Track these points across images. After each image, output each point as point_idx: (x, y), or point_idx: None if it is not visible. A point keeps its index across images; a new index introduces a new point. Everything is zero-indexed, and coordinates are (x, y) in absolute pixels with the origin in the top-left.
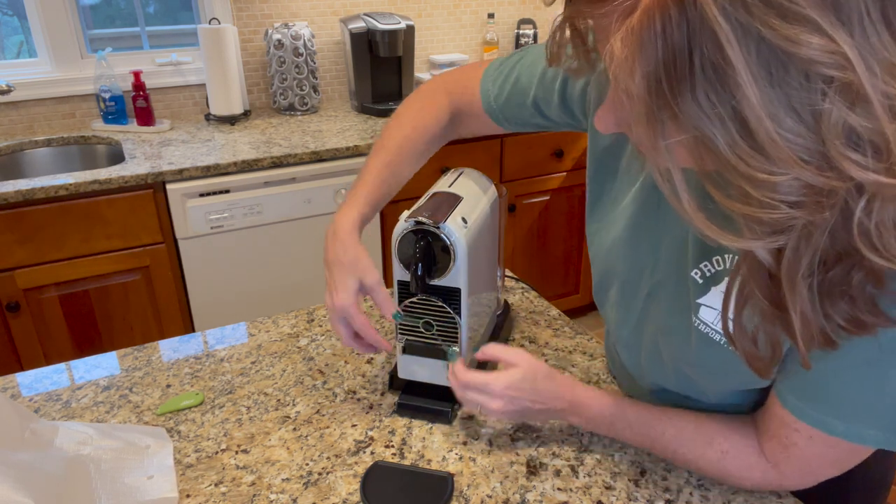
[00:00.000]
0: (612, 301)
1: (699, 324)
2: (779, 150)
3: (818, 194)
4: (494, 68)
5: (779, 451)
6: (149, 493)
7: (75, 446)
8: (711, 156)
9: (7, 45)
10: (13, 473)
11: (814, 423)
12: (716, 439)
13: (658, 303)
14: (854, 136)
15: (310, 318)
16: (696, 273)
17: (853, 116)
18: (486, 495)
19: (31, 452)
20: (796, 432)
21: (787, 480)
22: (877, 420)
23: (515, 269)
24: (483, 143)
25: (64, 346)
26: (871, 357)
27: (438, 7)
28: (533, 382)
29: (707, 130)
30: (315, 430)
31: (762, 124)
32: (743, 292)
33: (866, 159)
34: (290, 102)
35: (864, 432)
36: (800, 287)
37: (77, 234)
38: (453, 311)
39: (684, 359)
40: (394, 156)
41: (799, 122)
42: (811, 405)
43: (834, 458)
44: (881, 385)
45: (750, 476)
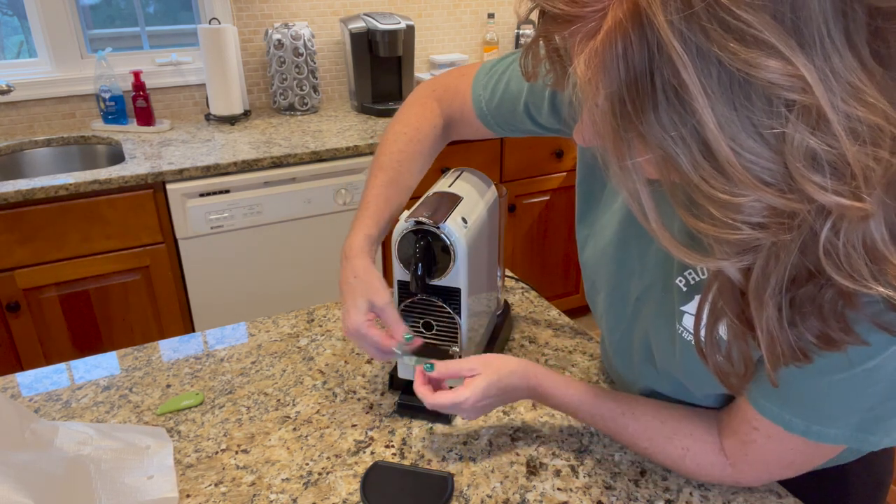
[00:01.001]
0: (602, 307)
1: (682, 331)
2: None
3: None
4: (485, 73)
5: (737, 447)
6: (149, 493)
7: (75, 446)
8: (677, 175)
9: (7, 45)
10: (13, 474)
11: (775, 420)
12: (677, 436)
13: (647, 308)
14: (817, 159)
15: (310, 318)
16: (681, 281)
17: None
18: (486, 495)
19: (32, 452)
20: (756, 430)
21: (742, 478)
22: (841, 420)
23: (515, 269)
24: (483, 143)
25: (64, 346)
26: (839, 367)
27: (438, 7)
28: (498, 384)
29: (670, 150)
30: (315, 430)
31: (721, 147)
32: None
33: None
34: (290, 102)
35: (824, 432)
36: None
37: (77, 234)
38: (453, 311)
39: (672, 364)
40: (394, 172)
41: (762, 145)
42: (773, 402)
43: (790, 459)
44: (847, 392)
45: (709, 473)
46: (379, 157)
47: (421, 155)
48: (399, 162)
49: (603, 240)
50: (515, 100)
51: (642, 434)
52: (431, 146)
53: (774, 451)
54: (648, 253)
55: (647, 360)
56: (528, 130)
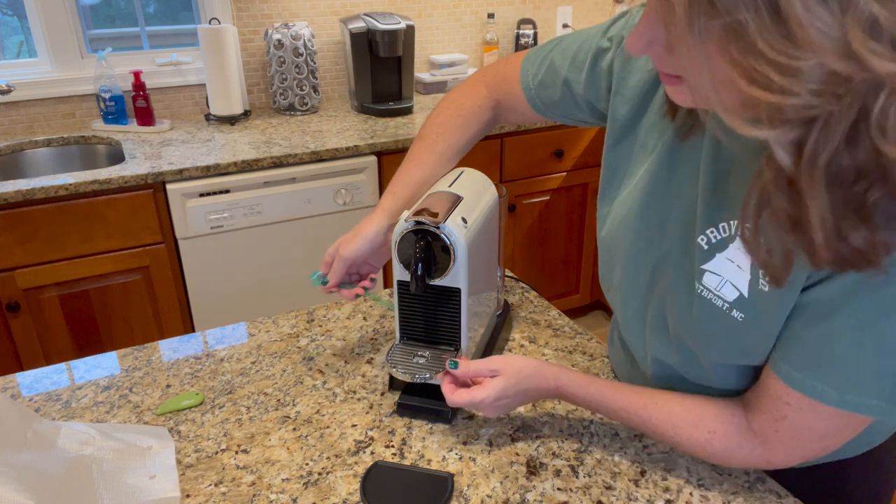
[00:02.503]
0: (617, 280)
1: (702, 290)
2: (806, 35)
3: (838, 83)
4: (534, 52)
5: (768, 425)
6: (151, 493)
7: (78, 446)
8: (740, 44)
9: (7, 45)
10: (15, 474)
11: (807, 392)
12: (702, 420)
13: (664, 275)
14: (878, 28)
15: (310, 318)
16: (703, 239)
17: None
18: (486, 495)
19: (34, 453)
20: (787, 405)
21: (774, 456)
22: (873, 389)
23: (515, 269)
24: (483, 143)
25: (64, 346)
26: (866, 320)
27: (438, 7)
28: (517, 386)
29: (740, 15)
30: (315, 430)
31: (793, 9)
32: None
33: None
34: (290, 102)
35: (859, 401)
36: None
37: (77, 234)
38: (453, 311)
39: (687, 330)
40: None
41: (826, 9)
42: (805, 373)
43: (822, 431)
44: (877, 350)
45: (737, 455)
46: (420, 130)
47: (461, 129)
48: (437, 133)
49: (622, 212)
50: (557, 74)
51: (667, 423)
52: (474, 123)
53: (807, 426)
54: (670, 218)
55: (659, 329)
56: (566, 112)
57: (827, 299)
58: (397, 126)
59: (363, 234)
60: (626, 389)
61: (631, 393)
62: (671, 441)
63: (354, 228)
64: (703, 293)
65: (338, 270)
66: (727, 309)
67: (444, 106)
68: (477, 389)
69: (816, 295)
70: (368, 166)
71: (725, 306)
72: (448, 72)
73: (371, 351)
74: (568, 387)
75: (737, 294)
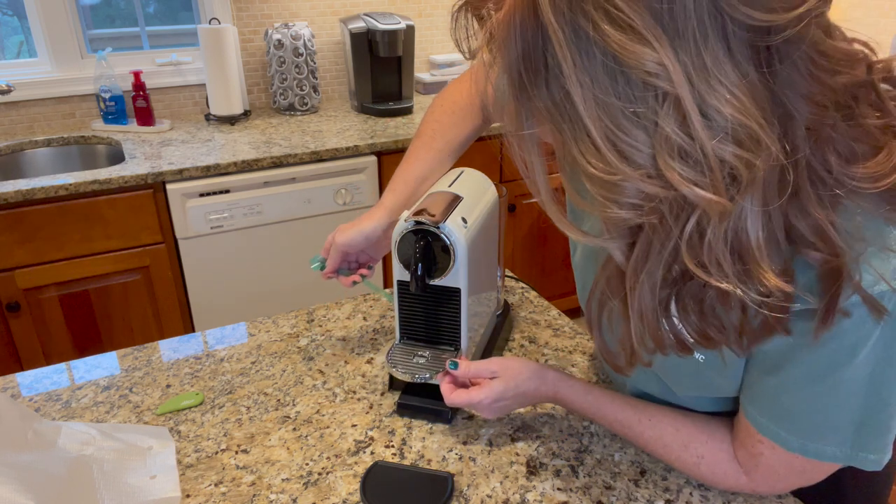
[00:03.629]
0: None
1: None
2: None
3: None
4: None
5: (748, 459)
6: (152, 492)
7: (78, 446)
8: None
9: (7, 45)
10: (16, 475)
11: (771, 437)
12: (692, 444)
13: None
14: (680, 149)
15: (310, 318)
16: None
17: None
18: (486, 495)
19: (34, 453)
20: (760, 443)
21: (758, 488)
22: (833, 436)
23: (515, 269)
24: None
25: (64, 346)
26: (815, 374)
27: (438, 7)
28: (516, 388)
29: (557, 125)
30: (315, 430)
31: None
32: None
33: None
34: (290, 102)
35: (820, 449)
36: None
37: (77, 234)
38: (453, 311)
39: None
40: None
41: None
42: (769, 419)
43: (800, 468)
44: (831, 402)
45: (724, 482)
46: (418, 129)
47: (456, 126)
48: (433, 130)
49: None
50: None
51: (658, 441)
52: (468, 120)
53: (782, 463)
54: None
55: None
56: None
57: (775, 350)
58: (397, 126)
59: (360, 227)
60: (622, 402)
61: (626, 406)
62: (662, 458)
63: (356, 219)
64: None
65: (334, 258)
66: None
67: (437, 104)
68: (475, 390)
69: (765, 346)
70: (368, 166)
71: None
72: (448, 72)
73: (371, 351)
74: (566, 394)
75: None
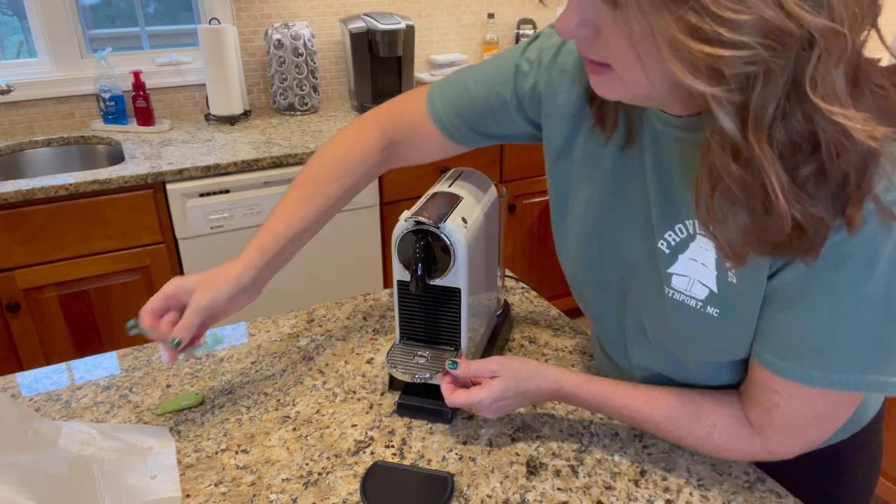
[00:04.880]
0: (589, 301)
1: (673, 293)
2: None
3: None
4: (440, 83)
5: (762, 416)
6: (152, 492)
7: (78, 446)
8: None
9: (7, 45)
10: (16, 475)
11: (792, 378)
12: (703, 414)
13: (633, 285)
14: None
15: (310, 318)
16: (663, 244)
17: None
18: (486, 495)
19: (35, 453)
20: (777, 394)
21: (774, 446)
22: (854, 362)
23: (515, 269)
24: None
25: (64, 346)
26: (834, 297)
27: (438, 7)
28: (516, 388)
29: None
30: (315, 430)
31: None
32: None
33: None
34: (290, 102)
35: (843, 378)
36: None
37: (77, 234)
38: (453, 311)
39: (666, 334)
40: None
41: None
42: (788, 360)
43: (815, 414)
44: (850, 326)
45: (738, 447)
46: (298, 176)
47: (345, 177)
48: (317, 182)
49: (580, 231)
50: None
51: (667, 419)
52: (360, 169)
53: (800, 412)
54: (628, 230)
55: (639, 339)
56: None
57: (793, 283)
58: None
59: (221, 285)
60: (625, 387)
61: (631, 390)
62: (673, 437)
63: (207, 274)
64: (674, 296)
65: (192, 324)
66: (700, 307)
67: (329, 150)
68: (476, 390)
69: (782, 281)
70: None
71: (699, 305)
72: (448, 72)
73: (371, 351)
74: (568, 387)
75: (707, 291)
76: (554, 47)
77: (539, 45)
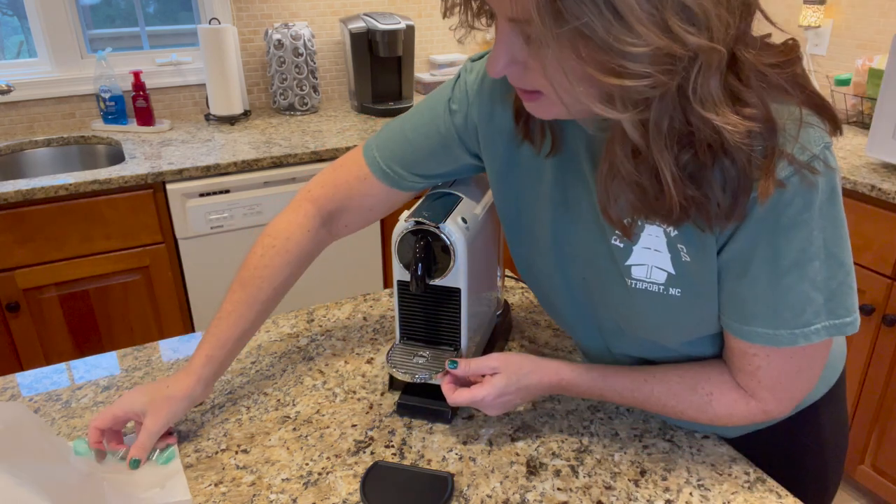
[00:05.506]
0: (559, 309)
1: (635, 283)
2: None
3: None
4: (374, 139)
5: (749, 380)
6: (164, 499)
7: (88, 468)
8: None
9: (7, 45)
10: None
11: (762, 341)
12: (699, 384)
13: (596, 284)
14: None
15: (310, 318)
16: (615, 239)
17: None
18: (486, 495)
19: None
20: (755, 356)
21: (767, 405)
22: (812, 312)
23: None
24: None
25: (64, 346)
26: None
27: (438, 7)
28: (518, 383)
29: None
30: (315, 430)
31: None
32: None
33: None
34: (290, 102)
35: (806, 332)
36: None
37: (77, 234)
38: (453, 311)
39: (637, 323)
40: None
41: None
42: (753, 325)
43: (796, 367)
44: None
45: (736, 411)
46: (241, 271)
47: (288, 265)
48: (261, 278)
49: (537, 245)
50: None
51: (668, 392)
52: (304, 252)
53: (782, 369)
54: (579, 233)
55: (615, 334)
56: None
57: (740, 253)
58: None
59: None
60: (624, 369)
61: (630, 371)
62: (674, 411)
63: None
64: (636, 285)
65: (148, 446)
66: (663, 290)
67: (267, 243)
68: (478, 388)
69: (730, 254)
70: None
71: (660, 289)
72: (448, 72)
73: (371, 351)
74: (569, 378)
75: (665, 274)
76: (477, 80)
77: (462, 81)
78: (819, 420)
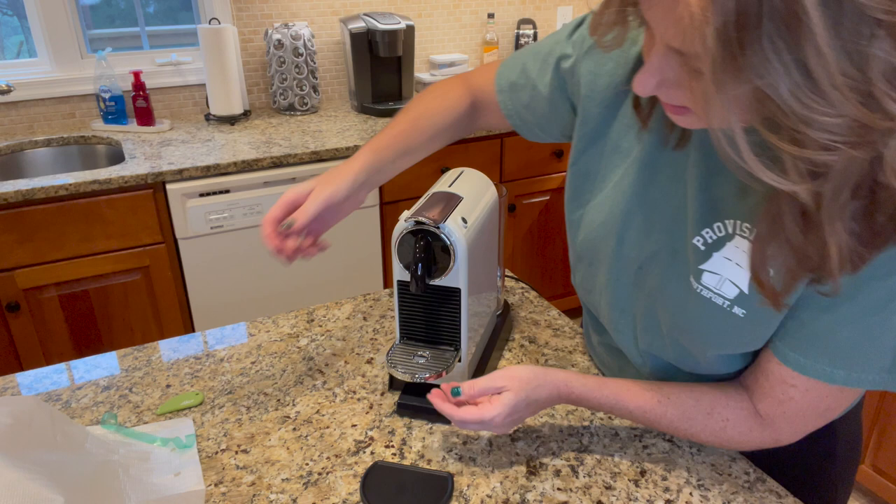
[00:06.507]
0: (601, 283)
1: (701, 289)
2: (838, 93)
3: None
4: (510, 57)
5: (774, 407)
6: (177, 488)
7: (105, 453)
8: (770, 103)
9: (7, 45)
10: (45, 472)
11: (816, 376)
12: (716, 409)
13: (651, 275)
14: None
15: (310, 318)
16: (699, 240)
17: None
18: (486, 495)
19: (63, 453)
20: (793, 388)
21: (781, 435)
22: (877, 363)
23: (515, 269)
24: (483, 143)
25: (64, 346)
26: (874, 306)
27: (438, 7)
28: (527, 399)
29: (770, 79)
30: (315, 430)
31: (827, 69)
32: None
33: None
34: (290, 102)
35: (864, 377)
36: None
37: (77, 234)
38: (453, 311)
39: (681, 326)
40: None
41: (851, 65)
42: (813, 359)
43: (825, 407)
44: (883, 332)
45: (749, 439)
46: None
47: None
48: (420, 114)
49: (601, 216)
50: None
51: (682, 417)
52: (454, 112)
53: (812, 404)
54: (655, 220)
55: (651, 328)
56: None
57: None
58: None
59: (340, 181)
60: (636, 388)
61: (643, 391)
62: (687, 433)
63: (325, 175)
64: (702, 292)
65: (310, 211)
66: (728, 306)
67: (425, 94)
68: (486, 407)
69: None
70: None
71: (726, 304)
72: (448, 72)
73: (371, 351)
74: (580, 391)
75: (737, 291)
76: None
77: (583, 31)
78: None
